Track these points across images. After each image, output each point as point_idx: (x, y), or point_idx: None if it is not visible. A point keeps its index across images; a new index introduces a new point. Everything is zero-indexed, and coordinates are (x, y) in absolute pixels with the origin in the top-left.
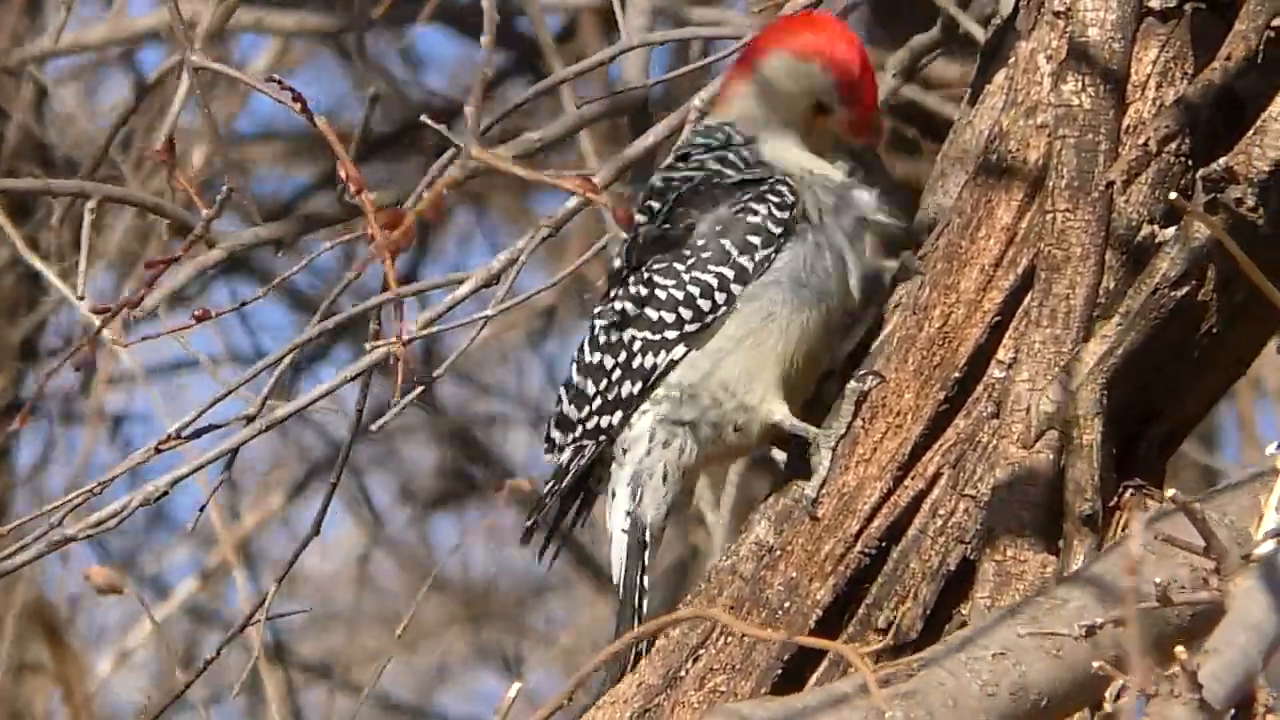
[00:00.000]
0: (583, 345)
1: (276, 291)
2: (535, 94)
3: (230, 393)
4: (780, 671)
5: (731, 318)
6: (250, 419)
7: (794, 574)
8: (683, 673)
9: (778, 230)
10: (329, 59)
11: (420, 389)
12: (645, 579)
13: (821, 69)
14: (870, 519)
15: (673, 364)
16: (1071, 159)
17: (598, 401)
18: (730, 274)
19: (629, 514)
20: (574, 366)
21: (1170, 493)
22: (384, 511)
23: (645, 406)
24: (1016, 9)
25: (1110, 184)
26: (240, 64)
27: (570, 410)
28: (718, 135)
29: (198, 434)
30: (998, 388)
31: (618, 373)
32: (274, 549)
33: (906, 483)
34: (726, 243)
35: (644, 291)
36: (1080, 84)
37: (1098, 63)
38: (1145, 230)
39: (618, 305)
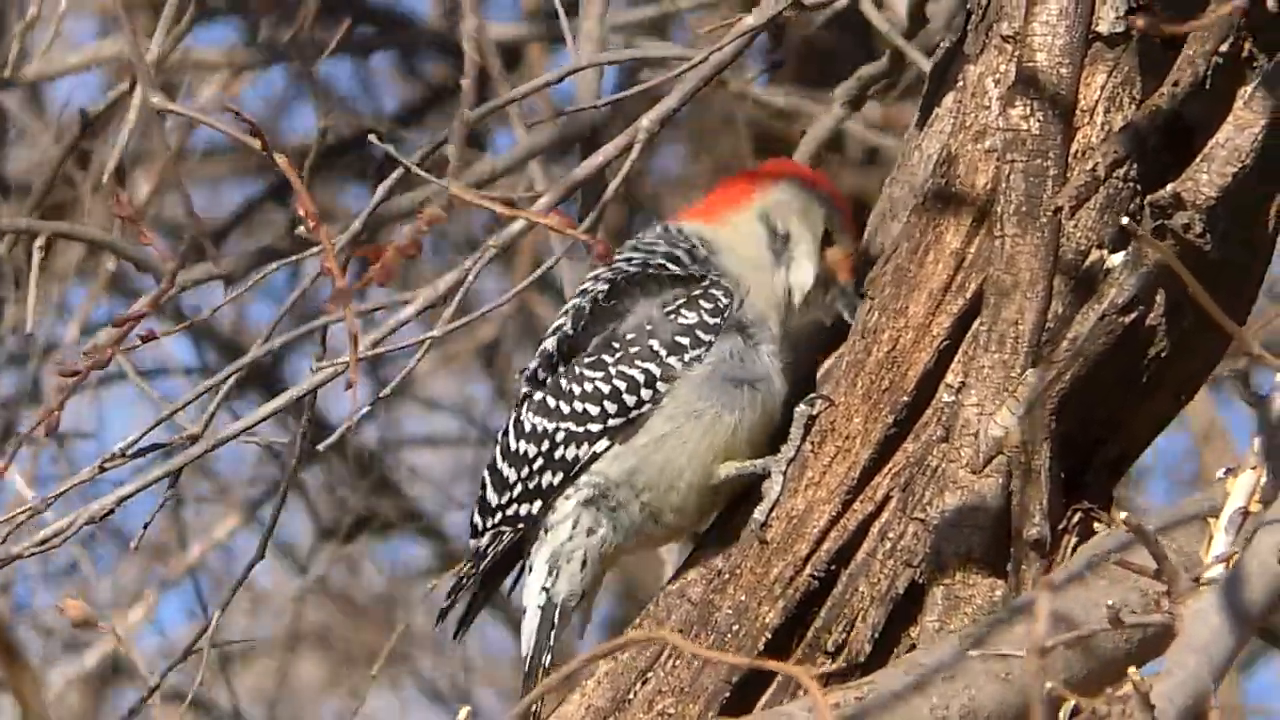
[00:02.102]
0: (508, 429)
1: (230, 329)
2: (482, 115)
3: (175, 412)
4: (728, 695)
5: (657, 414)
6: (194, 439)
7: (743, 597)
8: (631, 695)
9: (708, 336)
10: (277, 72)
11: (367, 406)
12: (550, 656)
13: (831, 199)
14: (819, 542)
15: (595, 456)
16: (1020, 184)
17: (518, 489)
18: (657, 371)
19: (544, 590)
20: (498, 450)
21: (1123, 515)
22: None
23: (569, 493)
24: (965, 33)
25: (1058, 209)
26: (193, 81)
27: (491, 495)
28: (681, 242)
29: (142, 453)
30: (947, 412)
31: (539, 462)
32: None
33: (855, 506)
34: (654, 343)
35: (574, 388)
36: (1028, 109)
37: (1046, 88)
38: (1094, 255)
39: (548, 399)
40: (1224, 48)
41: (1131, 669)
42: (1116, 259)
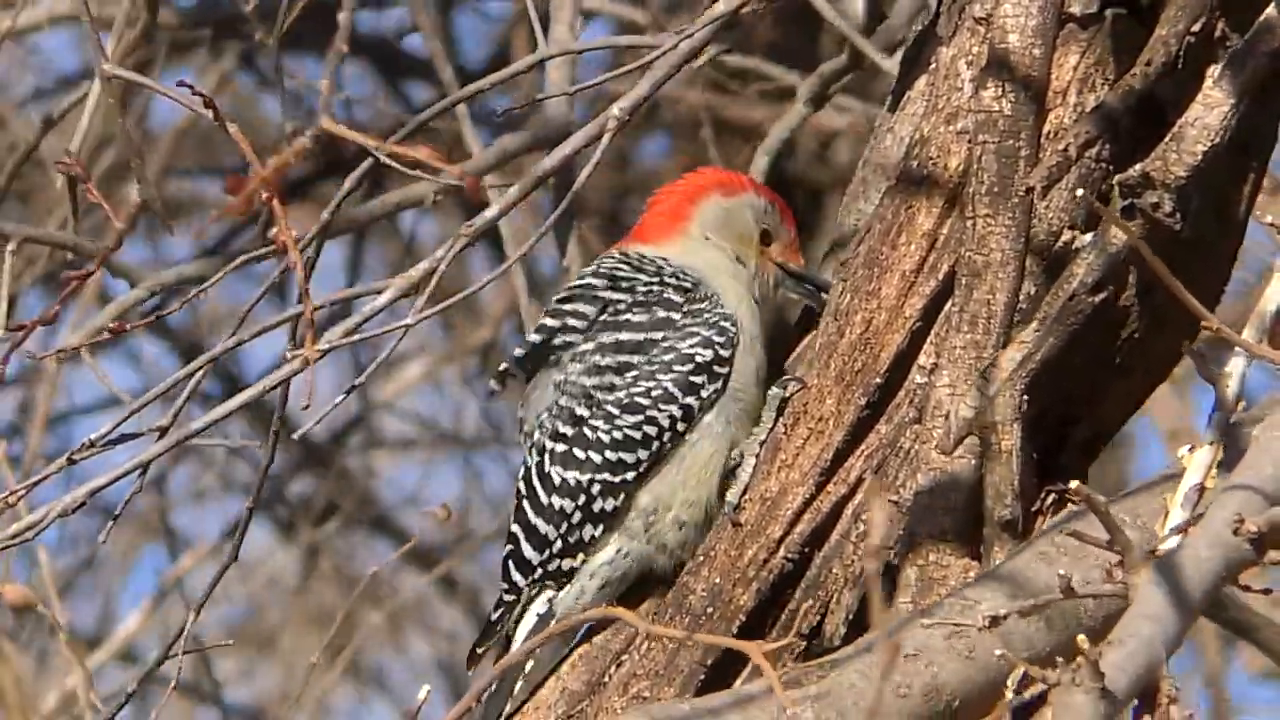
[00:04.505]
0: (531, 479)
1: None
2: (449, 105)
3: (145, 404)
4: (704, 677)
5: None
6: (163, 431)
7: (717, 580)
8: (606, 678)
9: (724, 369)
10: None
11: (343, 396)
12: (533, 663)
13: (761, 200)
14: (793, 525)
15: (629, 497)
16: (992, 165)
17: (558, 544)
18: (679, 412)
19: (549, 601)
20: (526, 503)
21: (1074, 485)
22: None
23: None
24: (938, 15)
25: (1030, 190)
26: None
27: (531, 553)
28: (648, 266)
29: (112, 444)
30: (919, 393)
31: (578, 516)
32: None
33: (829, 488)
34: (668, 382)
35: (603, 436)
36: (1000, 90)
37: (1018, 69)
38: (1066, 236)
39: (574, 451)
40: (1196, 27)
41: (1080, 637)
42: (1088, 239)
